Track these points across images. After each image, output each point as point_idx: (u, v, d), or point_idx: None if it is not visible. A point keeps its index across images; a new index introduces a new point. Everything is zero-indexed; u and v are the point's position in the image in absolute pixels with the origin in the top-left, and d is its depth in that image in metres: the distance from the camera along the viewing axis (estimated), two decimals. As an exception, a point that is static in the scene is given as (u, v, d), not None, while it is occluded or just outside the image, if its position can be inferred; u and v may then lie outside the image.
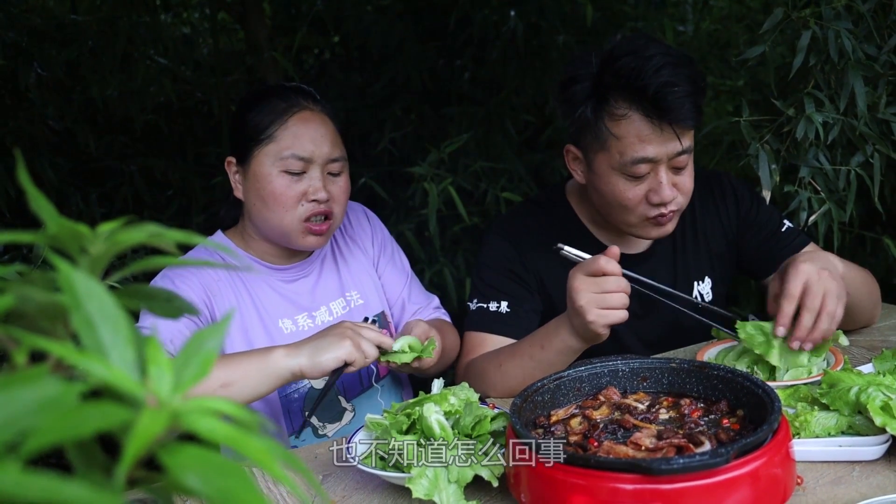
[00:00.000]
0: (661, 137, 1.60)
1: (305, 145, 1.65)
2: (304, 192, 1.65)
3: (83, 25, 3.36)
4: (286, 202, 1.65)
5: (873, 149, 2.04)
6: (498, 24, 3.61)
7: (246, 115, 1.68)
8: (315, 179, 1.66)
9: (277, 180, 1.64)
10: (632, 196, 1.66)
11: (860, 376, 1.32)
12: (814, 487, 1.15)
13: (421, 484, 1.13)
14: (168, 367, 0.45)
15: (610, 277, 1.46)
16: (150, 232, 0.51)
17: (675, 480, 0.97)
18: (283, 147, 1.64)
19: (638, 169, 1.63)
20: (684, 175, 1.67)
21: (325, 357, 1.45)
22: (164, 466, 0.40)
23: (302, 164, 1.65)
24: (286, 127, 1.65)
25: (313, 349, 1.46)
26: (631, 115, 1.60)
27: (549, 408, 1.27)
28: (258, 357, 1.46)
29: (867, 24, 2.04)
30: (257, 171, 1.66)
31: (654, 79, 1.56)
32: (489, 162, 3.25)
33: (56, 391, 0.39)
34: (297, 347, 1.47)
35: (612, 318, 1.47)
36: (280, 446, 0.46)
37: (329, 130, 1.70)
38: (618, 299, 1.46)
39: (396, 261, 1.95)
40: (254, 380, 1.44)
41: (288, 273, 1.78)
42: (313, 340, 1.48)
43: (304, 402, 1.73)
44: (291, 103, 1.68)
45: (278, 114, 1.66)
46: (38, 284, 0.48)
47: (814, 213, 2.06)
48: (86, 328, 0.44)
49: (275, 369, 1.45)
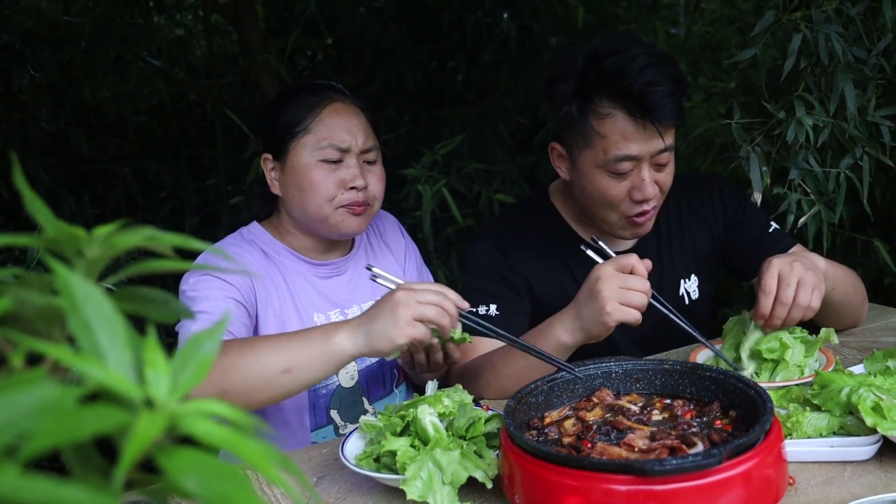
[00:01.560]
0: (645, 136, 1.63)
1: (341, 135, 1.68)
2: (342, 180, 1.68)
3: (76, 27, 3.35)
4: (325, 190, 1.67)
5: (863, 151, 2.05)
6: (491, 26, 3.62)
7: (279, 111, 1.71)
8: (352, 167, 1.69)
9: (316, 170, 1.67)
10: (615, 193, 1.69)
11: (851, 377, 1.32)
12: (806, 488, 1.16)
13: (415, 486, 1.13)
14: (165, 370, 0.45)
15: (637, 277, 1.47)
16: (146, 235, 0.51)
17: (668, 481, 0.97)
18: (321, 137, 1.67)
19: (621, 166, 1.65)
20: (665, 172, 1.70)
21: (383, 345, 1.36)
22: (161, 469, 0.40)
23: (339, 153, 1.68)
24: (321, 118, 1.69)
25: (368, 332, 1.37)
26: (615, 114, 1.63)
27: (543, 409, 1.28)
28: (320, 339, 1.39)
29: (857, 28, 2.06)
30: (295, 162, 1.69)
31: (638, 79, 1.59)
32: (482, 164, 3.25)
33: (54, 394, 0.39)
34: (356, 328, 1.38)
35: (628, 316, 1.46)
36: (275, 449, 0.46)
37: (361, 121, 1.73)
38: (639, 299, 1.46)
39: (424, 277, 1.99)
40: (316, 364, 1.38)
41: (324, 269, 1.79)
42: (371, 320, 1.38)
43: (331, 399, 1.75)
44: (323, 97, 1.72)
45: (311, 107, 1.70)
46: (35, 287, 0.48)
47: (804, 216, 2.07)
48: (83, 331, 0.44)
49: (337, 354, 1.38)
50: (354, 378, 1.78)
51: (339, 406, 1.75)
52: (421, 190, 2.84)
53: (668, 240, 1.92)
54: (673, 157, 1.72)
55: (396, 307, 1.34)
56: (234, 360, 1.36)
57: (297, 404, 1.72)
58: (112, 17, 3.35)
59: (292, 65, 4.02)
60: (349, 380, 1.77)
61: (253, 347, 1.39)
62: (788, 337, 1.53)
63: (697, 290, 1.93)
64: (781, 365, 1.51)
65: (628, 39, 1.65)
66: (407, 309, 1.33)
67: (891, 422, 1.20)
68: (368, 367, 1.79)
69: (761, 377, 1.52)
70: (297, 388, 1.39)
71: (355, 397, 1.78)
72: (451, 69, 3.87)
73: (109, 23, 3.31)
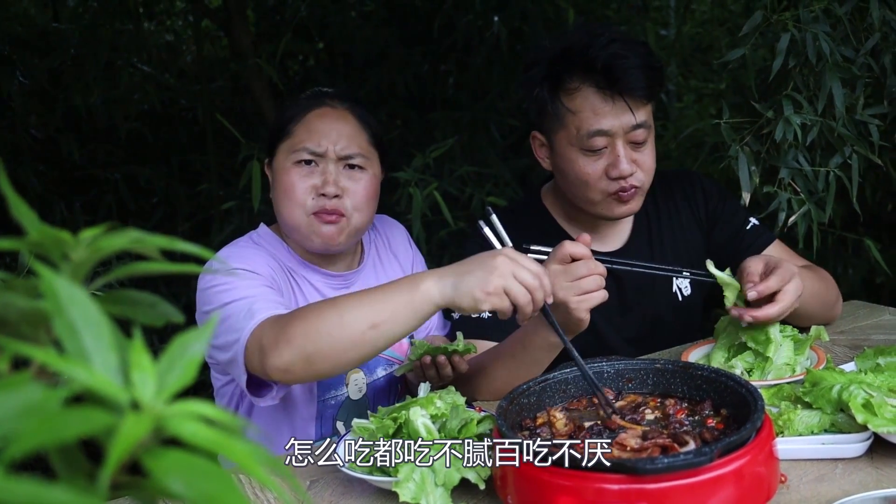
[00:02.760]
0: (615, 109, 1.65)
1: (318, 139, 1.64)
2: (313, 185, 1.64)
3: (66, 33, 3.35)
4: (296, 194, 1.63)
5: (851, 150, 2.06)
6: (482, 29, 3.63)
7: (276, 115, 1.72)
8: (327, 173, 1.64)
9: (290, 173, 1.64)
10: (591, 171, 1.70)
11: (842, 374, 1.33)
12: (797, 485, 1.16)
13: (408, 488, 1.13)
14: (151, 372, 0.45)
15: (580, 262, 1.44)
16: (132, 238, 0.51)
17: (659, 480, 0.97)
18: (297, 141, 1.65)
19: (594, 142, 1.67)
20: (643, 153, 1.71)
21: (466, 303, 1.30)
22: (147, 471, 0.40)
23: (312, 156, 1.64)
24: (303, 122, 1.66)
25: (457, 285, 1.30)
26: (583, 89, 1.66)
27: (535, 410, 1.28)
28: (407, 289, 1.33)
29: (844, 27, 2.07)
30: (277, 167, 1.68)
31: (604, 51, 1.63)
32: (474, 166, 3.25)
33: (38, 396, 0.39)
34: (444, 276, 1.32)
35: (592, 301, 1.44)
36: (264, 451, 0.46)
37: (351, 126, 1.68)
38: (592, 281, 1.43)
39: None
40: (403, 316, 1.32)
41: (336, 281, 1.75)
42: (462, 273, 1.32)
43: (339, 410, 1.73)
44: (315, 102, 1.69)
45: (299, 111, 1.68)
46: (21, 291, 0.48)
47: (793, 214, 2.07)
48: (68, 334, 0.44)
49: (425, 303, 1.32)
50: (363, 391, 1.76)
51: (345, 418, 1.73)
52: (413, 193, 2.83)
53: (659, 236, 1.93)
54: (652, 139, 1.74)
55: (493, 271, 1.28)
56: (316, 323, 1.32)
57: (308, 413, 1.70)
58: (102, 24, 3.35)
59: (283, 69, 4.02)
60: (357, 392, 1.75)
61: (334, 307, 1.34)
62: (776, 333, 1.53)
63: (689, 286, 1.93)
64: (768, 362, 1.52)
65: (599, 25, 1.70)
66: (501, 278, 1.27)
67: (881, 419, 1.20)
68: (377, 380, 1.78)
69: (753, 376, 1.53)
70: (385, 343, 1.35)
71: (361, 410, 1.75)
72: (443, 72, 3.88)
73: (99, 29, 3.31)
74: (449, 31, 3.62)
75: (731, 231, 1.92)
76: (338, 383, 1.72)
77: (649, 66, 1.66)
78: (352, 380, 1.74)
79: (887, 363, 1.44)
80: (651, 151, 1.74)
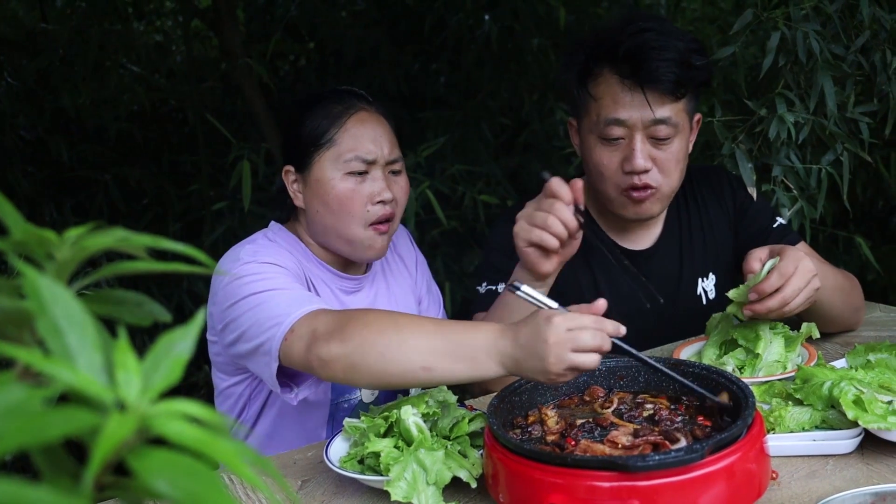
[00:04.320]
0: (634, 101, 1.61)
1: (367, 146, 1.61)
2: (369, 193, 1.61)
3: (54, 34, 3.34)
4: (353, 206, 1.60)
5: (843, 148, 2.07)
6: (473, 28, 3.63)
7: (301, 121, 1.64)
8: (378, 180, 1.61)
9: (342, 184, 1.59)
10: (607, 162, 1.66)
11: (833, 371, 1.33)
12: (788, 481, 1.17)
13: (399, 487, 1.13)
14: (136, 372, 0.45)
15: (548, 199, 1.39)
16: (118, 237, 0.51)
17: (651, 477, 0.97)
18: (345, 150, 1.60)
19: (611, 131, 1.63)
20: (665, 151, 1.65)
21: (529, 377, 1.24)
22: (132, 471, 0.40)
23: (365, 165, 1.60)
24: (345, 129, 1.61)
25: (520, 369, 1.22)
26: (606, 76, 1.63)
27: (527, 408, 1.28)
28: (470, 357, 1.24)
29: (835, 25, 2.08)
30: (320, 177, 1.61)
31: (631, 39, 1.57)
32: (466, 165, 3.25)
33: (22, 396, 0.39)
34: (508, 360, 1.22)
35: (532, 236, 1.39)
36: (250, 449, 0.46)
37: (387, 130, 1.67)
38: (541, 218, 1.39)
39: (433, 292, 1.95)
40: (458, 375, 1.26)
41: (349, 283, 1.73)
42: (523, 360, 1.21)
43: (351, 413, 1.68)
44: (347, 105, 1.64)
45: (335, 117, 1.62)
46: (4, 291, 0.47)
47: (787, 212, 2.08)
48: (52, 334, 0.44)
49: (484, 376, 1.26)
50: (375, 393, 1.74)
51: None
52: (404, 192, 2.83)
53: (689, 237, 1.88)
54: (681, 140, 1.66)
55: (547, 358, 1.16)
56: (374, 336, 1.27)
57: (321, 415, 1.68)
58: (90, 24, 3.33)
59: (274, 69, 4.01)
60: (370, 395, 1.72)
61: (396, 328, 1.28)
62: (766, 331, 1.53)
63: (714, 289, 1.89)
64: (759, 359, 1.52)
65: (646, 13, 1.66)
66: (559, 363, 1.15)
67: (872, 415, 1.20)
68: None
69: (744, 373, 1.53)
70: (432, 385, 1.32)
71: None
72: (434, 71, 3.87)
73: (88, 29, 3.29)
74: (440, 30, 3.62)
75: (758, 228, 1.87)
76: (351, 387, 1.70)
77: (684, 61, 1.59)
78: None
79: (878, 360, 1.44)
80: (676, 152, 1.66)
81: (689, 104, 1.68)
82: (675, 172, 1.68)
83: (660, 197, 1.70)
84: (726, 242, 1.90)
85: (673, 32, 1.61)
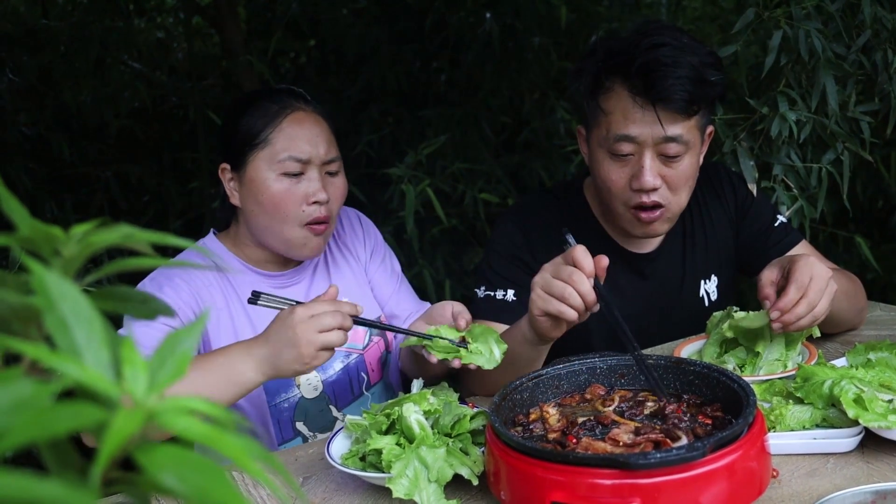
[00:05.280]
0: (645, 118, 1.58)
1: (302, 146, 1.60)
2: (304, 194, 1.61)
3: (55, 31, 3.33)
4: (287, 207, 1.60)
5: (843, 147, 2.07)
6: (474, 26, 3.63)
7: (238, 120, 1.63)
8: (314, 181, 1.61)
9: (276, 184, 1.60)
10: (615, 178, 1.64)
11: (834, 370, 1.33)
12: (789, 480, 1.17)
13: (401, 484, 1.13)
14: (143, 368, 0.45)
15: (568, 268, 1.33)
16: (123, 233, 0.51)
17: (652, 475, 0.98)
18: (279, 150, 1.60)
19: (620, 147, 1.61)
20: (676, 168, 1.62)
21: (292, 375, 1.38)
22: (140, 466, 0.40)
23: (299, 165, 1.60)
24: (280, 129, 1.61)
25: (275, 366, 1.36)
26: (617, 90, 1.60)
27: (528, 406, 1.28)
28: (224, 370, 1.37)
29: (836, 24, 2.08)
30: (254, 176, 1.61)
31: (645, 55, 1.55)
32: (466, 163, 3.25)
33: (30, 392, 0.39)
34: (262, 361, 1.36)
35: (549, 307, 1.35)
36: (258, 446, 0.46)
37: (323, 130, 1.66)
38: (559, 288, 1.33)
39: (387, 264, 1.90)
40: (220, 394, 1.35)
41: (279, 280, 1.73)
42: (275, 354, 1.36)
43: (295, 412, 1.69)
44: (283, 105, 1.63)
45: (271, 116, 1.61)
46: (11, 287, 0.48)
47: (787, 211, 2.08)
48: (59, 329, 0.44)
49: (245, 384, 1.37)
50: (318, 388, 1.72)
51: (304, 418, 1.70)
52: (405, 190, 2.83)
53: (692, 240, 1.87)
54: (692, 158, 1.64)
55: (298, 343, 1.32)
56: None
57: (261, 419, 1.67)
58: (91, 21, 3.33)
59: (275, 67, 4.01)
60: (312, 390, 1.71)
61: None
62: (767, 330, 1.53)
63: (717, 290, 1.89)
64: (759, 358, 1.52)
65: (663, 25, 1.60)
66: (309, 345, 1.32)
67: (872, 413, 1.21)
68: (330, 376, 1.73)
69: (745, 371, 1.53)
70: None
71: (321, 406, 1.72)
72: (435, 69, 3.87)
73: (89, 26, 3.29)
74: (441, 28, 3.62)
75: (760, 227, 1.87)
76: (286, 386, 1.69)
77: (698, 79, 1.55)
78: (303, 380, 1.69)
79: (878, 358, 1.45)
80: (685, 170, 1.63)
81: (701, 120, 1.66)
82: (684, 190, 1.66)
83: (669, 217, 1.68)
84: (727, 242, 1.90)
85: (688, 47, 1.57)
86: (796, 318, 1.45)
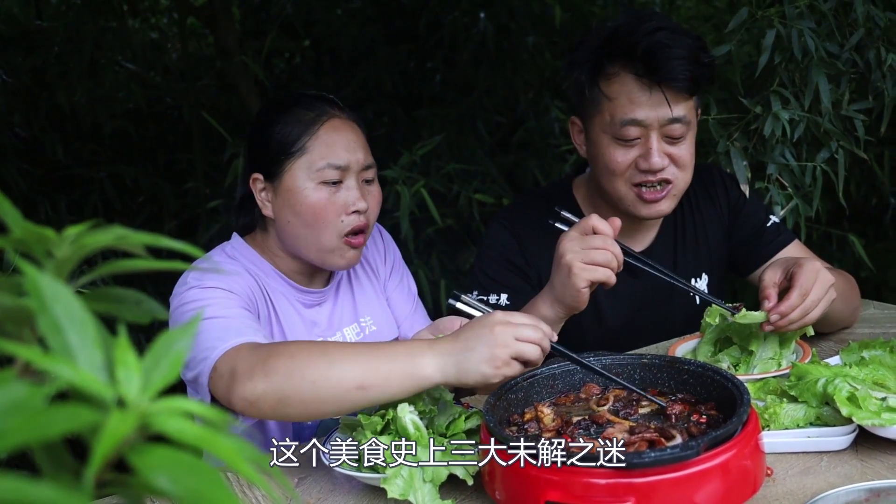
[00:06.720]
0: (651, 100, 1.60)
1: (340, 153, 1.56)
2: (343, 203, 1.56)
3: (49, 31, 3.33)
4: (326, 216, 1.55)
5: (837, 145, 2.08)
6: (468, 26, 3.63)
7: (270, 128, 1.58)
8: (353, 189, 1.56)
9: (315, 194, 1.54)
10: (621, 160, 1.65)
11: (827, 368, 1.34)
12: (783, 478, 1.17)
13: (396, 484, 1.13)
14: (137, 369, 0.45)
15: (598, 236, 1.41)
16: (117, 235, 0.51)
17: (647, 474, 0.98)
18: (317, 158, 1.55)
19: (627, 131, 1.62)
20: (681, 147, 1.65)
21: (474, 379, 1.23)
22: (133, 468, 0.40)
23: (338, 173, 1.55)
24: (317, 136, 1.56)
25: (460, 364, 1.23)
26: (622, 75, 1.62)
27: (523, 405, 1.28)
28: (404, 360, 1.24)
29: (829, 23, 2.08)
30: (291, 186, 1.56)
31: (647, 38, 1.57)
32: (461, 164, 3.26)
33: (23, 394, 0.39)
34: (446, 356, 1.24)
35: (596, 274, 1.40)
36: (251, 447, 0.46)
37: (359, 136, 1.62)
38: (602, 255, 1.40)
39: (405, 284, 1.88)
40: (395, 386, 1.23)
41: (309, 297, 1.68)
42: (465, 350, 1.23)
43: (317, 430, 1.65)
44: (319, 112, 1.58)
45: (307, 124, 1.56)
46: (4, 288, 0.48)
47: (782, 210, 2.09)
48: (53, 331, 0.44)
49: (422, 380, 1.24)
50: None
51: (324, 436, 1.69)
52: (400, 191, 2.83)
53: (682, 237, 1.88)
54: (692, 137, 1.67)
55: (495, 342, 1.21)
56: (302, 365, 1.23)
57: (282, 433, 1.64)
58: (85, 21, 3.32)
59: (269, 67, 4.01)
60: None
61: (324, 354, 1.26)
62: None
63: (707, 289, 1.89)
64: (753, 356, 1.53)
65: (652, 13, 1.64)
66: (506, 348, 1.21)
67: (866, 411, 1.21)
68: None
69: (739, 370, 1.53)
70: (370, 405, 1.26)
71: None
72: (429, 69, 3.88)
73: (83, 27, 3.28)
74: (435, 29, 3.62)
75: (752, 228, 1.88)
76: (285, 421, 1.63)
77: (696, 59, 1.60)
78: None
79: (871, 357, 1.45)
80: (689, 148, 1.67)
81: (697, 101, 1.70)
82: (689, 167, 1.69)
83: (675, 193, 1.70)
84: (719, 242, 1.91)
85: (681, 30, 1.62)
86: (788, 324, 1.48)
